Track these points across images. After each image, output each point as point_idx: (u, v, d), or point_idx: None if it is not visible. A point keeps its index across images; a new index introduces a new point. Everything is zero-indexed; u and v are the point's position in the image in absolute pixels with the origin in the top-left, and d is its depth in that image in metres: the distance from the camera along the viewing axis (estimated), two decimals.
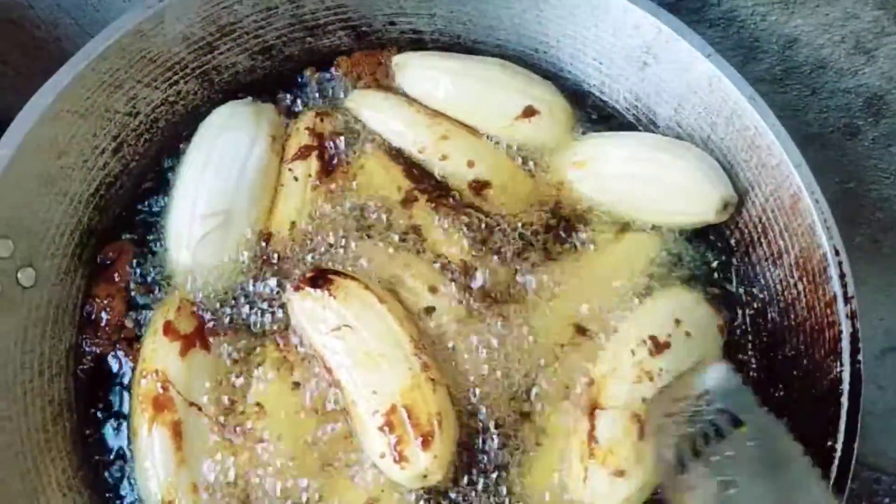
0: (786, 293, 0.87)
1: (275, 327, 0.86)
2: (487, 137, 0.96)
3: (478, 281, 0.88)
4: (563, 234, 0.92)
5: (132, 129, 0.92)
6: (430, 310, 0.85)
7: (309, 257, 0.89)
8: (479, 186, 0.93)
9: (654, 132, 0.98)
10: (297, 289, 0.84)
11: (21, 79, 1.40)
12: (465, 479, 0.81)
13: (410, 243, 0.90)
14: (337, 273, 0.84)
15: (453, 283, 0.87)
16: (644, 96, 0.96)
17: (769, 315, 0.89)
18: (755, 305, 0.91)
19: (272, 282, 0.88)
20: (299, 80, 1.02)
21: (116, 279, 0.89)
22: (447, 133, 0.95)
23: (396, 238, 0.90)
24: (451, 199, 0.93)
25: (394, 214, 0.91)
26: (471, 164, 0.93)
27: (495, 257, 0.89)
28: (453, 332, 0.85)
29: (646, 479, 0.78)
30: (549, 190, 0.95)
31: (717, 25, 0.99)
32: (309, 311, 0.83)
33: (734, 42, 1.00)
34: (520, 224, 0.92)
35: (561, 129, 0.97)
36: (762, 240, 0.89)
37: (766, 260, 0.89)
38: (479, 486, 0.81)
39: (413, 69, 0.99)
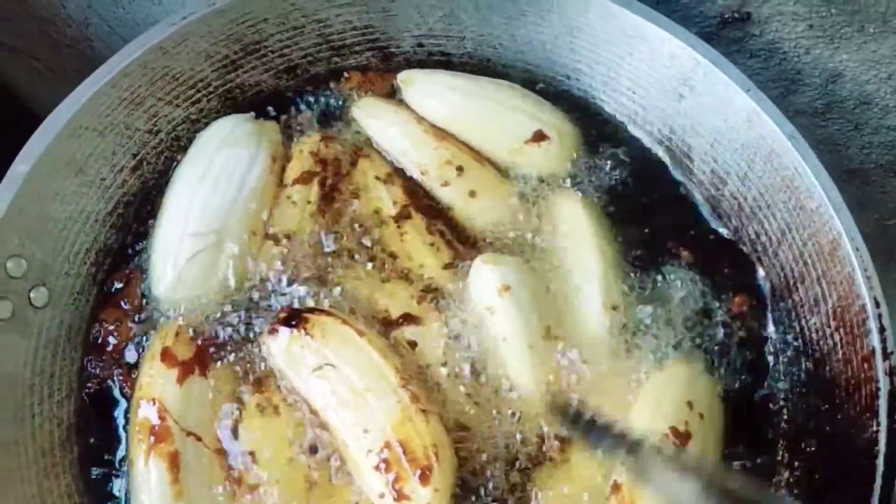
0: (821, 343, 0.83)
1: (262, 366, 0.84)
2: (493, 163, 0.93)
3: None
4: None
5: (152, 146, 0.90)
6: (413, 344, 0.83)
7: (296, 286, 0.86)
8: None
9: (689, 167, 0.94)
10: (271, 331, 0.81)
11: (52, 75, 1.40)
12: None
13: (395, 268, 0.88)
14: (311, 310, 0.82)
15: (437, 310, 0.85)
16: (679, 129, 0.92)
17: (803, 364, 0.85)
18: (789, 353, 0.86)
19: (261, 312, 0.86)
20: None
21: (124, 305, 0.87)
22: (452, 158, 0.92)
23: (383, 263, 0.88)
24: (442, 219, 0.90)
25: (385, 233, 0.89)
26: (473, 193, 0.91)
27: None
28: (438, 359, 0.83)
29: None
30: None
31: (759, 56, 0.95)
32: (286, 352, 0.80)
33: (775, 73, 0.96)
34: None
35: (569, 158, 0.94)
36: (799, 285, 0.85)
37: (803, 307, 0.85)
38: None
39: (420, 85, 0.96)
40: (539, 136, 0.92)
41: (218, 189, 0.86)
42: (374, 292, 0.86)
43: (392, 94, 0.98)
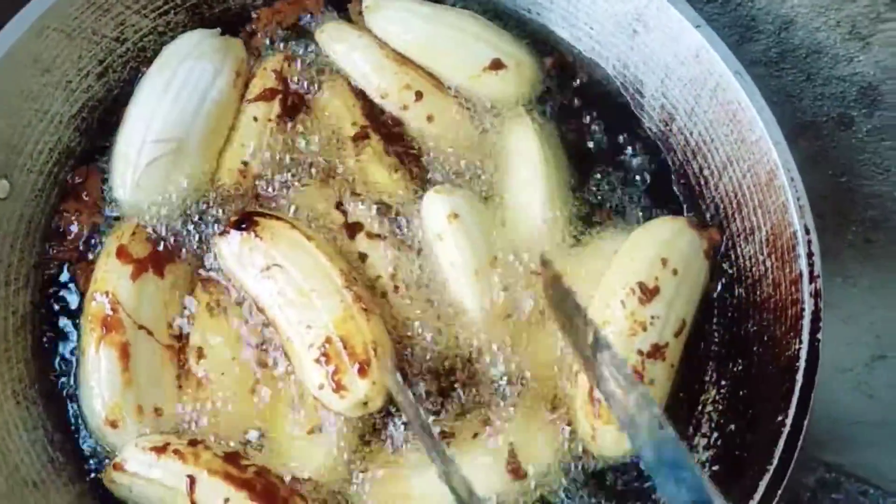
0: (754, 270, 0.86)
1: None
2: (450, 88, 0.96)
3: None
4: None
5: (118, 55, 0.93)
6: (363, 256, 0.87)
7: (255, 198, 0.89)
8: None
9: (641, 102, 0.97)
10: (222, 233, 0.84)
11: None
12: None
13: (350, 187, 0.91)
14: (262, 214, 0.85)
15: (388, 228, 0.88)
16: (632, 65, 0.95)
17: (736, 291, 0.88)
18: (723, 280, 0.90)
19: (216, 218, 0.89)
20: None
21: (85, 198, 0.90)
22: (412, 83, 0.94)
23: (338, 180, 0.91)
24: (400, 142, 0.93)
25: (342, 153, 0.92)
26: (430, 118, 0.93)
27: None
28: (388, 273, 0.86)
29: None
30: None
31: (714, 1, 0.98)
32: (237, 254, 0.83)
33: (731, 20, 0.99)
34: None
35: (526, 86, 0.96)
36: (736, 216, 0.88)
37: (739, 236, 0.88)
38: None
39: (384, 11, 0.98)
40: (497, 65, 0.94)
41: (180, 99, 0.89)
42: (329, 207, 0.89)
43: (296, 24, 1.00)
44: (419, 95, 0.94)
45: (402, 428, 0.82)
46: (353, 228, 0.88)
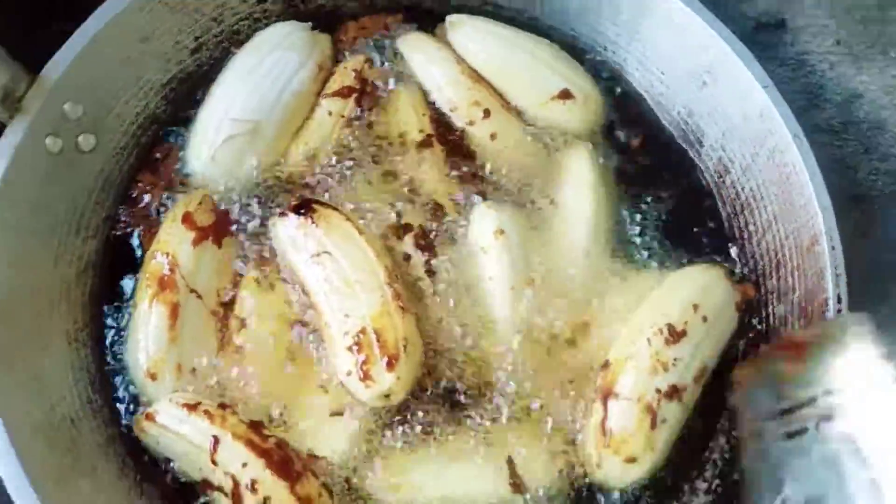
0: (781, 329, 0.88)
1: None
2: (518, 112, 1.00)
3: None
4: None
5: (214, 34, 0.99)
6: (408, 257, 0.91)
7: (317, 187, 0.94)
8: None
9: (698, 150, 0.99)
10: (281, 214, 0.89)
11: None
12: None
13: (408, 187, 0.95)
14: (321, 203, 0.89)
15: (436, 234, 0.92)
16: (697, 114, 0.98)
17: (761, 347, 0.90)
18: (750, 335, 0.91)
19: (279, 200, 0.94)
20: None
21: (161, 173, 0.96)
22: (481, 101, 0.98)
23: (397, 182, 0.95)
24: (460, 154, 0.97)
25: (405, 157, 0.96)
26: (493, 136, 0.97)
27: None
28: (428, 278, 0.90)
29: (656, 462, 0.83)
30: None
31: (787, 65, 1.00)
32: (292, 236, 0.88)
33: (801, 86, 1.01)
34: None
35: (590, 120, 1.00)
36: (773, 274, 0.90)
37: (772, 293, 0.90)
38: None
39: (466, 29, 1.02)
40: (565, 95, 0.98)
41: (263, 84, 0.94)
42: (383, 206, 0.94)
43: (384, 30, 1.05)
44: (487, 113, 0.98)
45: (417, 427, 0.85)
46: (403, 229, 0.92)
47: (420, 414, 0.85)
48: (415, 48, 1.03)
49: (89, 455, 0.83)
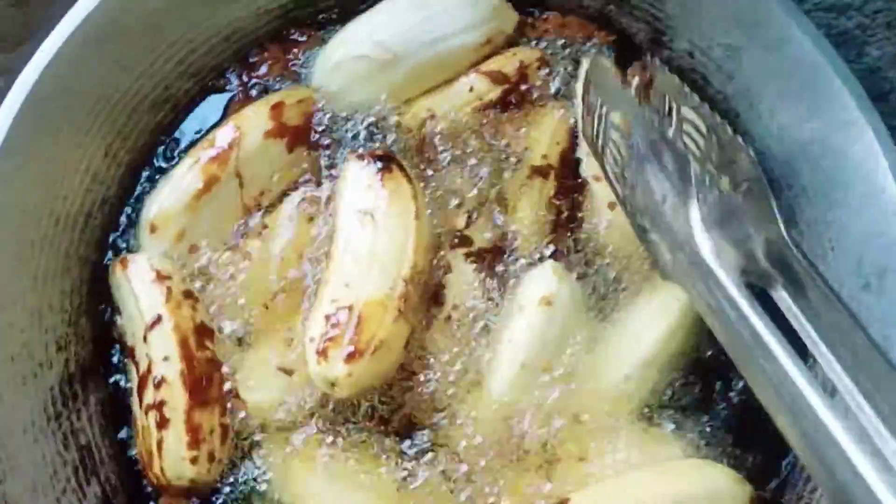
0: None
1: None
2: None
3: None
4: None
5: None
6: (447, 268, 0.81)
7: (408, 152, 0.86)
8: None
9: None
10: (359, 156, 0.81)
11: None
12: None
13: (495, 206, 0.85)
14: (402, 168, 0.81)
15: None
16: None
17: None
18: None
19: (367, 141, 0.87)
20: None
21: (290, 56, 0.91)
22: None
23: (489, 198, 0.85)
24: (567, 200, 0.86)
25: (514, 172, 0.86)
26: (612, 206, 0.84)
27: None
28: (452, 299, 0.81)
29: None
30: None
31: None
32: (355, 180, 0.80)
33: None
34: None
35: None
36: None
37: None
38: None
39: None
40: None
41: (424, 25, 0.86)
42: (458, 205, 0.85)
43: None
44: None
45: (346, 432, 0.77)
46: (461, 240, 0.82)
47: (355, 424, 0.77)
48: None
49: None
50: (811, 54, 0.74)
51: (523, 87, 0.89)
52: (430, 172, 0.85)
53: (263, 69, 0.91)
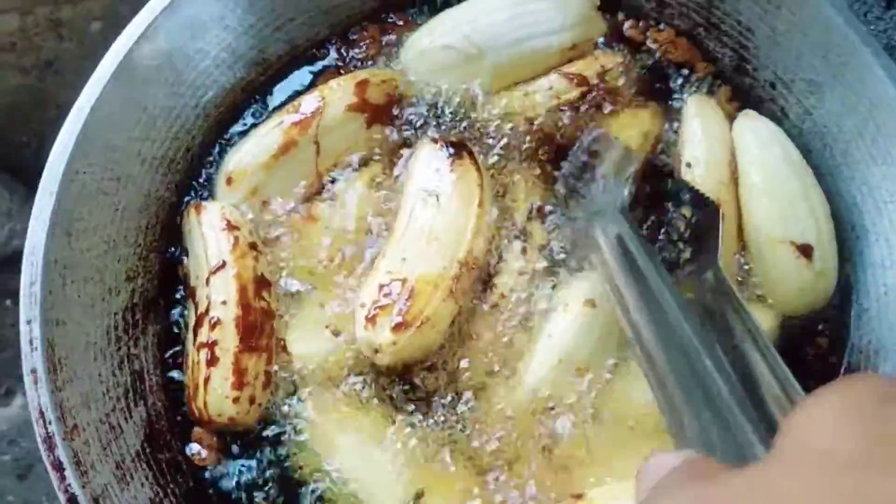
0: None
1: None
2: (741, 232, 0.86)
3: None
4: None
5: None
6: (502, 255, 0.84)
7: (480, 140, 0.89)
8: None
9: None
10: (434, 140, 0.85)
11: None
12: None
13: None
14: (472, 156, 0.83)
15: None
16: None
17: None
18: None
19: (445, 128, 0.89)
20: None
21: (385, 37, 0.95)
22: (719, 200, 0.82)
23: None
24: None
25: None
26: None
27: None
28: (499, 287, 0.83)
29: None
30: None
31: None
32: (426, 161, 0.83)
33: None
34: None
35: (807, 298, 0.86)
36: None
37: None
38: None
39: (752, 123, 0.87)
40: (805, 250, 0.81)
41: (513, 22, 0.88)
42: (524, 201, 0.87)
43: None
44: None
45: (375, 400, 0.80)
46: (519, 233, 0.85)
47: (391, 390, 0.80)
48: (698, 106, 0.89)
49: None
50: (893, 99, 0.74)
51: (601, 91, 0.90)
52: (500, 164, 0.88)
53: (362, 47, 0.94)
